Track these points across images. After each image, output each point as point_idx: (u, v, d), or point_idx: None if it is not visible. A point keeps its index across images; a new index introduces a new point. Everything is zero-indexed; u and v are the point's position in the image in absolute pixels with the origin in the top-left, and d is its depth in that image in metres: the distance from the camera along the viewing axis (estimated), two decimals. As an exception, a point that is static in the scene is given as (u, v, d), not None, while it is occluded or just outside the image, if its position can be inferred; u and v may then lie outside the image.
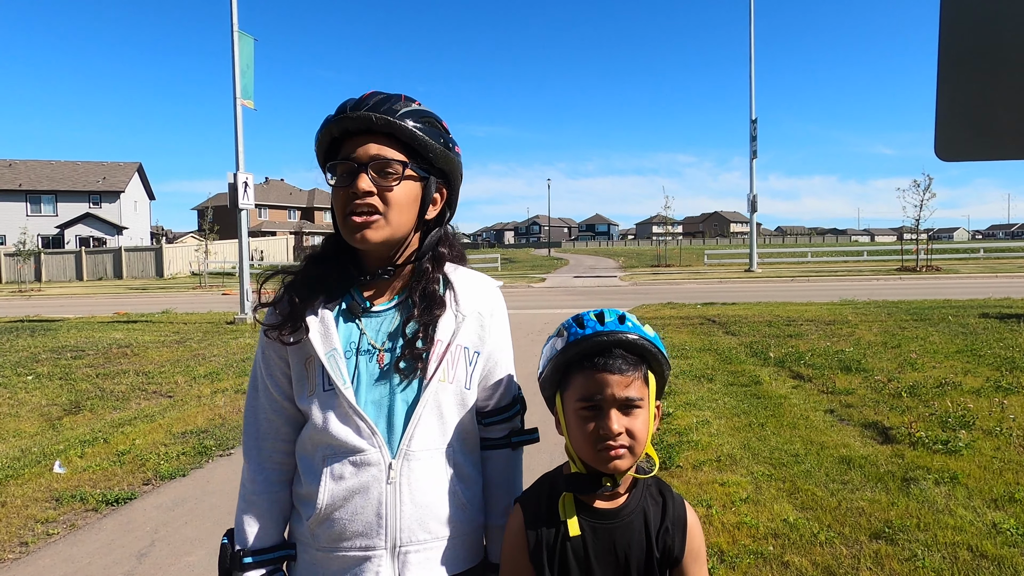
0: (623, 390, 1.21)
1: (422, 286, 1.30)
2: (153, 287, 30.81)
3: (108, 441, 5.63)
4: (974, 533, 3.43)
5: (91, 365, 9.40)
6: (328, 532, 1.24)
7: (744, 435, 5.26)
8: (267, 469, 1.32)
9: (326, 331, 1.25)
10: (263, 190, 69.60)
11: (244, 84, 13.74)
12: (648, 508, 1.27)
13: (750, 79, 29.55)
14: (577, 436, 1.24)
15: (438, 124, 1.30)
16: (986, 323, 10.49)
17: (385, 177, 1.23)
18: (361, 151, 1.23)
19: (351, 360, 1.25)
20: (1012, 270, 24.86)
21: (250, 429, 1.34)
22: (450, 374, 1.28)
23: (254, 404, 1.34)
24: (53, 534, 3.90)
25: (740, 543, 3.43)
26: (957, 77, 1.20)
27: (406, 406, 1.25)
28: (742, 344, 9.54)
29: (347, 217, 1.23)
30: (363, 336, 1.27)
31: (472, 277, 1.39)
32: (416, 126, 1.25)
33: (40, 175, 52.51)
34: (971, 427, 5.16)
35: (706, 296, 17.63)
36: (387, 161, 1.23)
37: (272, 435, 1.32)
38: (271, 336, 1.28)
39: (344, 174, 1.24)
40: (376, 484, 1.22)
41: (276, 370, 1.31)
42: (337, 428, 1.22)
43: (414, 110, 1.26)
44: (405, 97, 1.27)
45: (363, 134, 1.23)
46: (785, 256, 39.74)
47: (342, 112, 1.24)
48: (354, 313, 1.29)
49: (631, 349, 1.24)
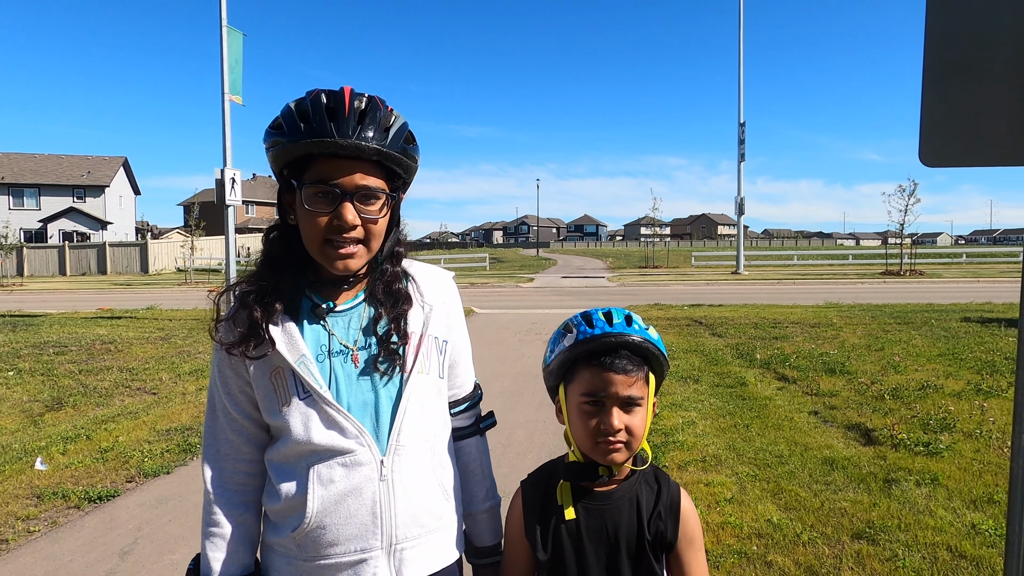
0: (626, 389, 1.27)
1: (385, 282, 1.28)
2: (138, 283, 30.50)
3: (91, 438, 5.58)
4: (954, 534, 3.48)
5: (74, 361, 9.29)
6: (319, 540, 1.20)
7: (729, 436, 5.30)
8: (229, 491, 1.27)
9: (291, 339, 1.21)
10: (250, 186, 69.09)
11: (232, 80, 13.63)
12: (641, 493, 1.33)
13: (739, 83, 29.81)
14: (578, 428, 1.29)
15: (412, 134, 1.26)
16: (968, 327, 10.63)
17: (368, 205, 1.19)
18: (346, 179, 1.16)
19: (324, 363, 1.22)
20: (994, 275, 25.18)
21: (209, 451, 1.29)
22: (427, 365, 1.28)
23: (212, 426, 1.28)
24: (34, 531, 3.86)
25: (724, 543, 3.45)
26: (942, 85, 1.22)
27: (391, 402, 1.24)
28: (728, 346, 9.61)
29: (325, 245, 1.19)
30: (332, 337, 1.24)
31: (429, 269, 1.39)
32: (406, 150, 1.22)
33: (23, 168, 51.82)
34: (952, 429, 5.23)
35: (693, 298, 17.73)
36: (373, 191, 1.18)
37: (232, 456, 1.27)
38: (234, 354, 1.21)
39: (320, 195, 1.17)
40: (369, 483, 1.20)
41: (234, 388, 1.25)
42: (321, 434, 1.19)
43: (399, 128, 1.21)
44: (384, 107, 1.20)
45: (349, 159, 1.16)
46: (772, 259, 40.03)
47: (323, 133, 1.13)
48: (318, 315, 1.24)
49: (636, 351, 1.30)
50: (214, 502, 1.27)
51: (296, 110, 1.18)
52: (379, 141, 1.16)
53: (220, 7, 13.40)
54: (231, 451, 1.27)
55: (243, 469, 1.28)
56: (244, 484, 1.29)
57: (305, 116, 1.16)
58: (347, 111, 1.15)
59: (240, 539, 1.27)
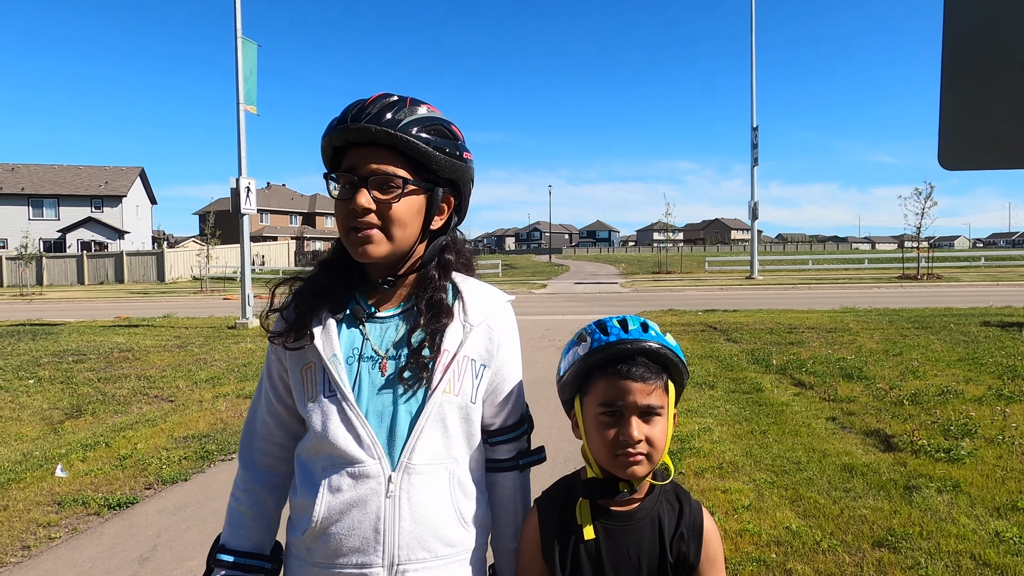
0: (645, 398, 1.21)
1: (428, 294, 1.26)
2: (154, 291, 30.83)
3: (110, 445, 5.63)
4: (977, 542, 3.43)
5: (92, 369, 9.40)
6: (324, 547, 1.20)
7: (746, 442, 5.26)
8: (255, 468, 1.33)
9: (327, 336, 1.23)
10: (265, 195, 69.74)
11: (247, 90, 13.80)
12: (663, 513, 1.27)
13: (751, 87, 29.66)
14: (596, 441, 1.23)
15: (447, 131, 1.24)
16: (988, 331, 10.49)
17: (386, 192, 1.19)
18: (362, 165, 1.19)
19: (352, 366, 1.22)
20: (1013, 278, 24.84)
21: (247, 427, 1.36)
22: (456, 386, 1.23)
23: (255, 405, 1.36)
24: (55, 538, 3.90)
25: (743, 550, 3.42)
26: (960, 88, 1.21)
27: (409, 417, 1.20)
28: (743, 351, 9.54)
29: (349, 232, 1.21)
30: (366, 342, 1.24)
31: (482, 288, 1.34)
32: (422, 136, 1.19)
33: (43, 179, 52.63)
34: (973, 435, 5.16)
35: (707, 303, 17.63)
36: (388, 176, 1.18)
37: (265, 436, 1.33)
38: (275, 342, 1.28)
39: (346, 186, 1.21)
40: (375, 498, 1.18)
41: (275, 374, 1.31)
42: (337, 434, 1.19)
43: (421, 118, 1.20)
44: (412, 101, 1.22)
45: (365, 145, 1.19)
46: (786, 263, 39.71)
47: (343, 121, 1.19)
48: (358, 318, 1.25)
49: (653, 357, 1.24)
50: (241, 475, 1.34)
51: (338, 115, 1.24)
52: (390, 126, 1.17)
53: (235, 18, 13.57)
54: (265, 431, 1.33)
55: (272, 452, 1.33)
56: (271, 467, 1.33)
57: (339, 116, 1.22)
58: (370, 103, 1.20)
59: (257, 517, 1.31)
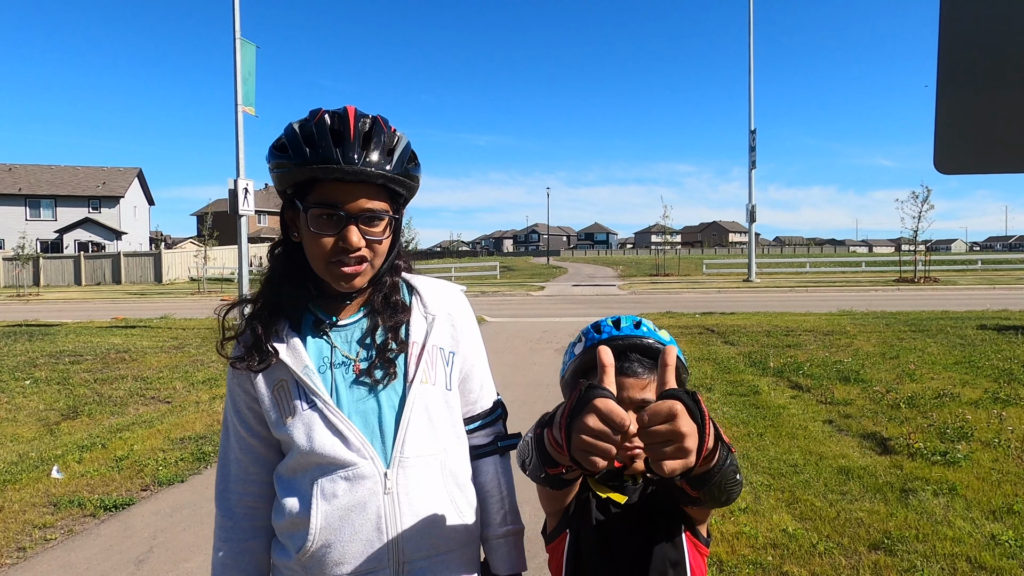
0: (639, 392, 1.22)
1: (383, 294, 1.28)
2: (152, 292, 30.77)
3: (106, 446, 5.62)
4: (973, 544, 3.43)
5: (89, 370, 9.38)
6: (324, 559, 1.18)
7: (743, 445, 5.26)
8: (234, 515, 1.29)
9: (294, 350, 1.22)
10: (263, 196, 69.53)
11: (246, 91, 13.78)
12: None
13: (749, 90, 29.73)
14: None
15: (413, 153, 1.26)
16: (984, 335, 10.51)
17: (373, 226, 1.20)
18: (351, 203, 1.17)
19: (326, 374, 1.22)
20: (1010, 282, 24.90)
21: (221, 472, 1.31)
22: (431, 375, 1.26)
23: (225, 446, 1.31)
24: (51, 539, 3.89)
25: (739, 553, 3.43)
26: (956, 91, 1.21)
27: (393, 411, 1.22)
28: (741, 354, 9.55)
29: (331, 264, 1.19)
30: (334, 350, 1.24)
31: (434, 282, 1.38)
32: (410, 172, 1.22)
33: (40, 179, 52.52)
34: (969, 438, 5.17)
35: (705, 305, 17.65)
36: (377, 214, 1.19)
37: (240, 477, 1.29)
38: (239, 367, 1.23)
39: (325, 217, 1.17)
40: (373, 497, 1.18)
41: (243, 406, 1.27)
42: (324, 444, 1.18)
43: (403, 150, 1.21)
44: (388, 128, 1.21)
45: (353, 183, 1.17)
46: (783, 266, 39.79)
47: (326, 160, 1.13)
48: (321, 329, 1.25)
49: (647, 353, 1.26)
50: (221, 524, 1.29)
51: (301, 133, 1.17)
52: (384, 166, 1.17)
53: (234, 19, 13.56)
54: (240, 472, 1.29)
55: (252, 491, 1.29)
56: (253, 509, 1.29)
57: (310, 140, 1.15)
58: (352, 135, 1.15)
59: (241, 565, 1.28)
